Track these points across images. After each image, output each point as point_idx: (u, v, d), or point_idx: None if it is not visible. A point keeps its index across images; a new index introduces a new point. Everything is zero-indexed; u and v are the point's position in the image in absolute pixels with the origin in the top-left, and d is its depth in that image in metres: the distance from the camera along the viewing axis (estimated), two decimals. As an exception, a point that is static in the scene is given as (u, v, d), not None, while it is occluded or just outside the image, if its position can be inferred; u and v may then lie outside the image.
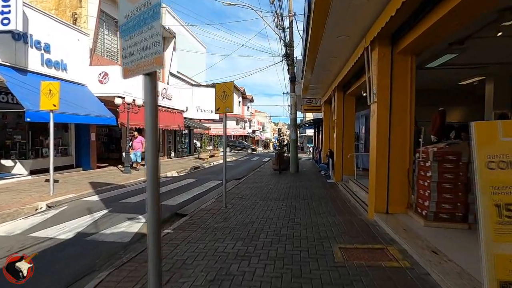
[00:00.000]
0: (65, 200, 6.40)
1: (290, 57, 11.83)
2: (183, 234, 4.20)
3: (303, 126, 21.84)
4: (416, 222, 4.31)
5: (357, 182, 7.88)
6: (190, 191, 8.01)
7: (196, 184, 9.22)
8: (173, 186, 8.71)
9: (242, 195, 7.29)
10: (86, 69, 11.13)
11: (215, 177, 11.23)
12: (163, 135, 18.08)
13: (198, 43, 24.91)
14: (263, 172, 12.70)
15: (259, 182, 9.40)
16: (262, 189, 8.15)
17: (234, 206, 5.99)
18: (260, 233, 4.22)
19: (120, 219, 5.17)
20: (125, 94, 11.32)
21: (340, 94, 9.39)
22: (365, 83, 7.43)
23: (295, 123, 12.18)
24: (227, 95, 5.86)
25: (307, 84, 10.73)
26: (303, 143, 45.17)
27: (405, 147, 4.70)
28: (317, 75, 8.56)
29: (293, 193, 7.54)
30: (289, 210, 5.66)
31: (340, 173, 9.45)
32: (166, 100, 15.56)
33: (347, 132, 9.37)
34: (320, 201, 6.51)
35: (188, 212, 5.64)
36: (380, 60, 4.64)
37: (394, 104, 4.71)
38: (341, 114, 9.41)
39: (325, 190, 8.02)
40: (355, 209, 5.77)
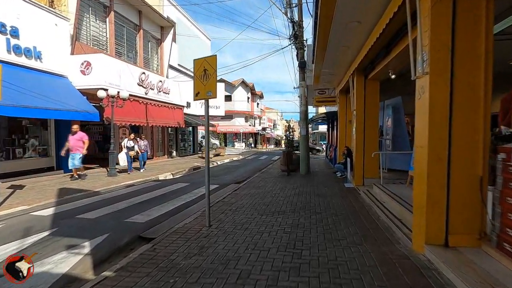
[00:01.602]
0: (7, 215, 5.03)
1: (299, 40, 10.13)
2: (126, 282, 2.68)
3: (315, 121, 20.02)
4: (501, 266, 2.62)
5: (385, 189, 6.16)
6: (175, 200, 6.52)
7: (187, 190, 7.72)
8: (157, 193, 7.25)
9: (237, 205, 5.74)
10: (67, 58, 9.83)
11: (213, 180, 9.72)
12: (162, 132, 16.76)
13: (202, 35, 23.45)
14: (270, 173, 11.10)
15: (263, 187, 7.82)
16: (265, 196, 6.57)
17: (221, 225, 4.44)
18: (244, 283, 2.64)
19: (56, 247, 3.71)
20: (110, 86, 9.96)
21: (360, 78, 7.64)
22: (395, 60, 5.73)
23: (306, 116, 10.49)
24: (209, 74, 4.29)
25: (319, 71, 9.01)
26: (315, 141, 43.19)
27: (475, 144, 2.99)
28: (332, 53, 6.86)
29: (302, 202, 5.92)
30: (295, 232, 4.06)
31: (360, 175, 7.73)
32: (163, 94, 14.18)
33: (369, 125, 7.62)
34: (338, 216, 4.86)
35: (157, 234, 4.13)
36: (436, 5, 2.94)
37: (458, 75, 3.00)
38: (362, 103, 7.66)
39: (343, 198, 6.35)
40: (389, 231, 4.09)
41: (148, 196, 6.79)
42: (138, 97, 12.19)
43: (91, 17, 11.33)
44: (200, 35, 23.14)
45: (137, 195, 6.86)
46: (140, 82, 12.27)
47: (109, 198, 6.51)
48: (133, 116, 11.73)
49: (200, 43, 22.51)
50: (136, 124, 12.30)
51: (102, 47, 11.85)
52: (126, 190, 7.58)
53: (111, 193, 7.17)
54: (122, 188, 7.86)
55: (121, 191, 7.48)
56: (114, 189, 7.61)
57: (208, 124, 4.43)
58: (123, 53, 13.17)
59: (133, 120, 11.67)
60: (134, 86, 11.94)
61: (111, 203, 5.98)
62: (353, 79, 7.92)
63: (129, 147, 10.36)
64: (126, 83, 11.27)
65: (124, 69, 11.18)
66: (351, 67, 7.68)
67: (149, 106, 13.02)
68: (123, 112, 10.92)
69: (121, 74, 10.90)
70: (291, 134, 11.88)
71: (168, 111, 14.64)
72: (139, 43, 14.23)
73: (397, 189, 6.14)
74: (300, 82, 10.27)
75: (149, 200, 6.43)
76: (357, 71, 7.55)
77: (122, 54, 13.13)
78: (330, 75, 9.34)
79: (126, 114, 11.20)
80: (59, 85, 9.46)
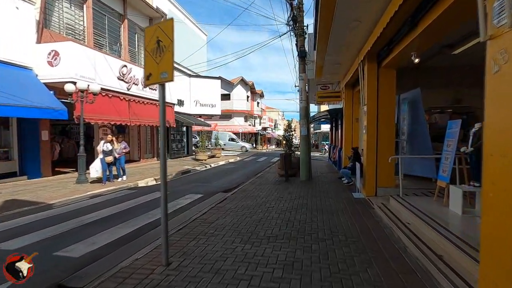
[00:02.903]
0: None
1: (299, 25, 8.78)
2: None
3: (317, 120, 18.64)
4: None
5: (407, 203, 4.81)
6: (141, 217, 5.20)
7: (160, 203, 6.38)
8: (123, 207, 5.92)
9: (217, 226, 4.42)
10: (31, 47, 8.55)
11: (199, 187, 8.41)
12: (151, 132, 15.46)
13: (197, 29, 22.15)
14: (266, 178, 9.77)
15: (255, 197, 6.49)
16: (255, 211, 5.24)
17: (184, 262, 3.12)
18: None
19: None
20: (82, 79, 8.67)
21: (372, 66, 6.29)
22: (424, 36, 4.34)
23: (307, 113, 9.13)
24: (164, 47, 2.96)
25: (321, 60, 7.68)
26: (317, 141, 41.82)
27: None
28: (338, 32, 5.52)
29: (300, 222, 4.59)
30: (287, 279, 2.72)
31: (373, 184, 6.38)
32: (150, 91, 12.86)
33: (383, 123, 6.27)
34: (350, 247, 3.52)
35: (84, 282, 2.81)
36: None
37: None
38: (374, 97, 6.32)
39: (354, 215, 4.99)
40: (427, 277, 2.74)
41: (109, 212, 5.46)
42: (118, 92, 10.89)
43: (64, 2, 10.04)
44: (195, 29, 21.86)
45: (95, 210, 5.54)
46: (121, 76, 10.97)
47: (58, 216, 5.18)
48: (113, 114, 10.43)
49: (195, 37, 21.22)
50: (117, 123, 11.00)
51: (79, 37, 10.56)
52: (87, 202, 6.27)
53: (67, 206, 5.85)
54: (85, 199, 6.55)
55: (81, 203, 6.16)
56: (73, 201, 6.30)
57: (164, 120, 3.10)
58: (104, 45, 11.88)
59: (112, 118, 10.37)
60: (114, 80, 10.64)
61: (55, 223, 4.67)
62: (363, 67, 6.58)
63: (106, 152, 8.20)
64: (104, 77, 9.99)
65: (100, 61, 9.87)
66: (361, 51, 6.32)
67: (133, 103, 11.72)
68: (99, 109, 9.63)
69: (97, 66, 9.61)
70: (290, 134, 10.53)
71: (155, 109, 13.33)
72: (123, 35, 12.93)
73: (422, 203, 4.79)
74: (300, 74, 8.93)
75: (106, 218, 5.10)
76: (368, 57, 6.21)
77: (104, 46, 11.83)
78: (335, 65, 7.99)
79: (103, 111, 9.91)
80: (22, 78, 8.18)
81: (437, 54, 6.81)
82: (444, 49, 6.45)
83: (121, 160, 8.84)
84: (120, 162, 8.83)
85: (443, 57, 6.98)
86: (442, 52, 6.59)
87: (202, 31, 23.21)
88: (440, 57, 7.06)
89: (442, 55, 6.85)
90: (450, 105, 8.41)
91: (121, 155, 8.75)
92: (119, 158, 8.66)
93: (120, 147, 8.73)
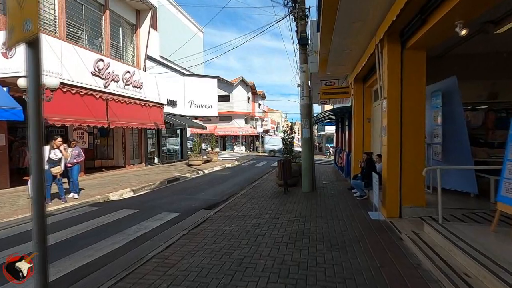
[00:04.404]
0: None
1: (300, 7, 7.34)
2: None
3: (320, 121, 17.13)
4: None
5: (458, 239, 3.31)
6: (75, 256, 3.77)
7: (121, 227, 4.92)
8: (67, 234, 4.50)
9: (175, 274, 2.98)
10: (-18, 36, 7.25)
11: (181, 201, 6.98)
12: (138, 136, 14.09)
13: (192, 25, 20.85)
14: (263, 188, 8.32)
15: (243, 219, 5.04)
16: (238, 244, 3.80)
17: None
18: None
19: None
20: (44, 73, 7.28)
21: (394, 47, 4.82)
22: None
23: (309, 111, 7.65)
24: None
25: (326, 47, 6.23)
26: (321, 143, 40.27)
27: None
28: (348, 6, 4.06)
29: (300, 266, 3.12)
30: None
31: (396, 201, 4.88)
32: (133, 89, 11.50)
33: (409, 122, 4.79)
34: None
35: None
36: None
37: None
38: (398, 87, 4.84)
39: (377, 253, 3.50)
40: None
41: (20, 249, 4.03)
42: (93, 90, 9.53)
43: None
44: (189, 25, 20.56)
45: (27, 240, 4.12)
46: (96, 71, 9.61)
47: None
48: (86, 115, 9.06)
49: (189, 35, 19.88)
50: (92, 125, 9.63)
51: (49, 28, 9.24)
52: (24, 227, 4.86)
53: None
54: (27, 221, 5.15)
55: (15, 229, 4.75)
56: (8, 225, 4.89)
57: (38, 117, 1.67)
58: (82, 38, 10.56)
59: (85, 119, 9.02)
60: (87, 76, 9.28)
61: None
62: (381, 50, 5.10)
63: (54, 160, 6.23)
64: (74, 72, 8.64)
65: (69, 53, 8.53)
66: (380, 28, 4.84)
67: (112, 102, 10.36)
68: (67, 109, 8.28)
69: (64, 60, 8.26)
70: (290, 137, 9.08)
71: (140, 110, 11.96)
72: (104, 27, 11.61)
73: (477, 236, 3.29)
74: (300, 66, 7.47)
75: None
76: (389, 37, 4.75)
77: (82, 39, 10.52)
78: (344, 52, 6.51)
79: (72, 111, 8.54)
80: (-32, 72, 6.86)
81: (475, 34, 5.32)
82: (486, 25, 4.97)
83: (73, 171, 6.84)
84: (72, 174, 6.83)
85: (478, 39, 5.50)
86: (483, 30, 5.10)
87: (198, 27, 21.90)
88: (474, 40, 5.57)
89: (477, 37, 5.37)
90: (485, 101, 6.89)
91: (73, 164, 6.83)
92: (71, 168, 6.79)
93: (74, 153, 6.81)
